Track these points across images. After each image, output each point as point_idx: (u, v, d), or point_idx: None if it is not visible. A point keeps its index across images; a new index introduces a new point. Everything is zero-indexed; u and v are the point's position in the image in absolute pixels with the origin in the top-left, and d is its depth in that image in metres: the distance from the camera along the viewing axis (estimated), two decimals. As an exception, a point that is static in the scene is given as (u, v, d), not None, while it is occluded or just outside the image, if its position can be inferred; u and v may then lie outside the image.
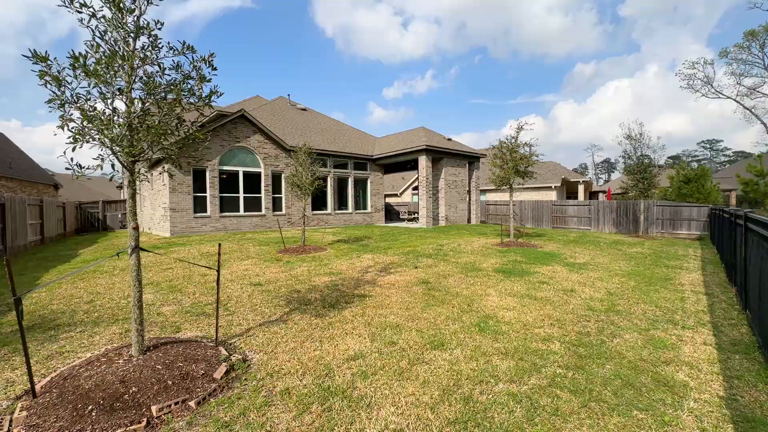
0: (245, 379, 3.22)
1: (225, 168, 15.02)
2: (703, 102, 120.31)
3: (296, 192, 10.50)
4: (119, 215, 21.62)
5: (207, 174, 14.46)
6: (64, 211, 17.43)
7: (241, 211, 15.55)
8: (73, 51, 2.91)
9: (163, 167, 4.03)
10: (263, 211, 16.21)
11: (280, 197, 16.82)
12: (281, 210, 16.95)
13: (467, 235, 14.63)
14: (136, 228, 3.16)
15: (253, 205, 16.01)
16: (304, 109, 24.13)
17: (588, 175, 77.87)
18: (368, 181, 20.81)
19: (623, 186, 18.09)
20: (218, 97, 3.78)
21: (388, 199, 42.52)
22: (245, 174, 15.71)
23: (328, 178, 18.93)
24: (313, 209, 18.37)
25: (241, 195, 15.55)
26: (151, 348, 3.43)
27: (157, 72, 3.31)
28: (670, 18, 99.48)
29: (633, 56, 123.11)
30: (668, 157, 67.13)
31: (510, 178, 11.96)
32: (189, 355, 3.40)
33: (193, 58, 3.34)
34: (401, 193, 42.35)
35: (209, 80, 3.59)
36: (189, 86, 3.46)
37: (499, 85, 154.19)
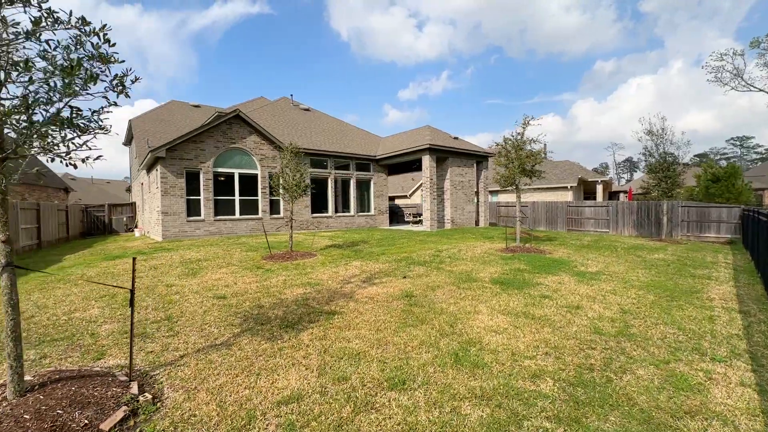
0: (141, 431, 2.56)
1: (220, 170, 14.59)
2: (732, 96, 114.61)
3: (283, 195, 9.91)
4: (124, 218, 21.62)
5: (201, 176, 14.06)
6: (66, 214, 17.41)
7: (237, 215, 15.08)
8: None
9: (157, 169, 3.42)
10: (260, 214, 15.71)
11: (278, 200, 16.28)
12: (279, 213, 16.43)
13: (471, 239, 13.73)
14: (6, 241, 2.56)
15: (249, 208, 15.52)
16: (307, 110, 23.65)
17: (609, 175, 74.89)
18: (371, 183, 20.11)
19: (645, 186, 16.79)
20: (133, 83, 3.16)
21: (397, 201, 41.76)
22: (241, 176, 15.25)
23: (329, 180, 18.32)
24: (313, 212, 17.79)
25: (237, 198, 15.08)
26: (36, 387, 2.82)
27: (44, 50, 2.72)
28: (694, 12, 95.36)
29: (656, 52, 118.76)
30: (694, 155, 63.72)
31: (515, 177, 11.03)
32: (81, 396, 2.76)
33: (84, 31, 2.72)
34: (410, 195, 41.50)
35: (116, 61, 2.97)
36: (88, 68, 2.85)
37: (516, 84, 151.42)
